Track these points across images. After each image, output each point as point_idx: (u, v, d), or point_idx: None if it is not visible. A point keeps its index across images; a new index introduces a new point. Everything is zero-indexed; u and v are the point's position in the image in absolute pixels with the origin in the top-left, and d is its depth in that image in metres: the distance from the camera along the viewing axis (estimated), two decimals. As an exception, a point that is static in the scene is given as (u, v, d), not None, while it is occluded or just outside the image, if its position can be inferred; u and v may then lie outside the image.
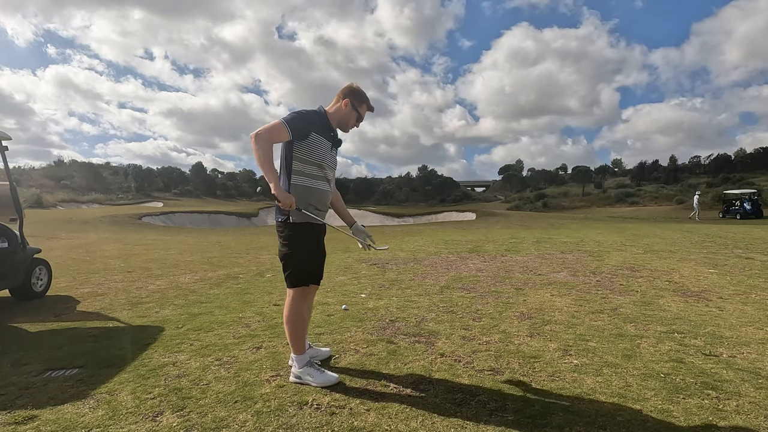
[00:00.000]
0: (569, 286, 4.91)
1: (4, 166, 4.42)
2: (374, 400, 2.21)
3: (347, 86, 2.52)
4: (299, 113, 2.37)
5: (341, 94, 2.51)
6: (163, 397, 2.24)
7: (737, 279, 5.17)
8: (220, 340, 3.14)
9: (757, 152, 72.87)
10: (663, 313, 3.73)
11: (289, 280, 2.43)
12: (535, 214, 25.46)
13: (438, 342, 3.07)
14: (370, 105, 2.59)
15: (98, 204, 52.96)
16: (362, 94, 2.53)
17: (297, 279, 2.42)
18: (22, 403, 2.20)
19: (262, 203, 45.81)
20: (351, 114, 2.51)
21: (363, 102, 2.53)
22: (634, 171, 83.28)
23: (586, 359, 2.71)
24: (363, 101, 2.53)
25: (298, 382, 2.41)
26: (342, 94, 2.50)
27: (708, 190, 47.12)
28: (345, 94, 2.50)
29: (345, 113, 2.51)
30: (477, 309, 3.95)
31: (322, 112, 2.48)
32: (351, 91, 2.50)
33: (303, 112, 2.38)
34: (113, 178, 78.17)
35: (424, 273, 5.91)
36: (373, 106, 2.60)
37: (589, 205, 59.03)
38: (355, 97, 2.50)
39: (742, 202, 22.73)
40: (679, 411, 2.07)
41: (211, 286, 5.18)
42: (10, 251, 4.41)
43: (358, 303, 4.24)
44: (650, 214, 31.80)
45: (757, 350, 2.85)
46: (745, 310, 3.81)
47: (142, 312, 4.00)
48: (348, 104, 2.50)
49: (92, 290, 5.01)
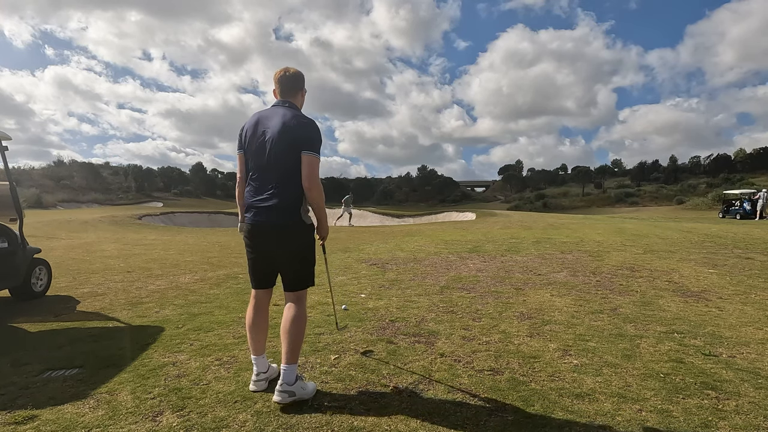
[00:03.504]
0: (569, 286, 4.91)
1: (4, 166, 4.42)
2: (374, 400, 2.21)
3: (300, 75, 2.42)
4: (319, 135, 2.30)
5: (302, 85, 2.44)
6: (163, 397, 2.24)
7: (737, 279, 5.17)
8: (220, 340, 3.14)
9: (756, 152, 72.93)
10: (663, 313, 3.73)
11: (312, 277, 2.40)
12: (535, 214, 25.45)
13: (438, 342, 3.07)
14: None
15: (98, 204, 52.97)
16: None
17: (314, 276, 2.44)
18: (22, 403, 2.20)
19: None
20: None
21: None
22: (634, 171, 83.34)
23: (586, 359, 2.72)
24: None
25: (293, 401, 2.16)
26: (302, 84, 2.44)
27: (708, 190, 47.14)
28: (303, 83, 2.45)
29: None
30: (477, 309, 3.95)
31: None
32: (302, 79, 2.44)
33: (319, 131, 2.32)
34: (113, 178, 78.19)
35: (424, 273, 5.91)
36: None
37: (589, 205, 59.07)
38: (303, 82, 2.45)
39: (742, 202, 22.73)
40: (678, 411, 2.07)
41: (211, 286, 5.18)
42: (10, 251, 4.41)
43: (358, 303, 4.24)
44: (650, 214, 31.81)
45: (757, 350, 2.85)
46: (744, 310, 3.81)
47: (141, 312, 4.00)
48: (305, 93, 2.50)
49: (92, 290, 5.01)
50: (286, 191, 2.25)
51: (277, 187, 2.24)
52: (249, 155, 2.33)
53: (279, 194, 2.24)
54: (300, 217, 2.28)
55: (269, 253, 2.32)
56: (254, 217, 2.29)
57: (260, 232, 2.29)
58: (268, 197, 2.25)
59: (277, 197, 2.24)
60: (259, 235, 2.30)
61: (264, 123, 2.30)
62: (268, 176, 2.26)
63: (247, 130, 2.34)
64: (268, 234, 2.28)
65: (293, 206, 2.26)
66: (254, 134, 2.30)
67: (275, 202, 2.24)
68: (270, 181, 2.26)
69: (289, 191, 2.25)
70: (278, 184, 2.25)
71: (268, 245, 2.30)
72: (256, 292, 2.43)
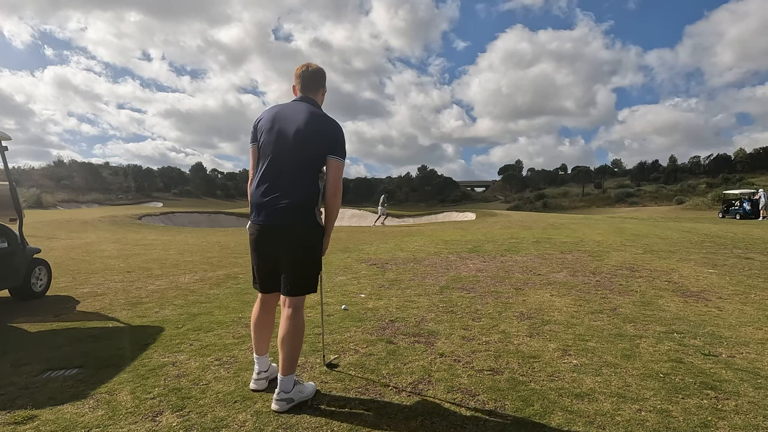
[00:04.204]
0: (569, 286, 4.91)
1: (4, 166, 4.42)
2: (374, 400, 2.21)
3: (322, 72, 2.36)
4: (345, 139, 2.24)
5: (324, 83, 2.38)
6: (163, 397, 2.24)
7: (737, 279, 5.17)
8: (219, 340, 3.14)
9: (756, 152, 72.97)
10: (662, 313, 3.73)
11: (316, 284, 2.27)
12: (535, 214, 25.47)
13: (437, 342, 3.07)
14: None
15: (98, 204, 53.00)
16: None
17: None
18: (22, 403, 2.20)
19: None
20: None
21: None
22: (633, 171, 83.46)
23: (586, 359, 2.72)
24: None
25: (292, 406, 2.13)
26: (324, 81, 2.38)
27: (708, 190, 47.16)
28: (325, 81, 2.38)
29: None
30: (476, 309, 3.95)
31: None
32: (324, 76, 2.37)
33: (344, 135, 2.25)
34: (113, 178, 78.25)
35: (424, 273, 5.91)
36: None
37: (589, 205, 59.09)
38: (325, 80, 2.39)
39: (741, 202, 22.73)
40: (678, 411, 2.07)
41: (211, 286, 5.18)
42: (10, 251, 4.41)
43: (357, 303, 4.24)
44: (650, 214, 31.81)
45: (757, 350, 2.86)
46: (744, 310, 3.82)
47: (141, 312, 4.00)
48: (325, 93, 2.43)
49: (92, 290, 5.01)
50: (305, 190, 2.14)
51: (295, 184, 2.13)
52: (263, 149, 2.20)
53: (297, 192, 2.13)
54: (315, 218, 2.19)
55: (279, 254, 2.17)
56: (268, 216, 2.14)
57: (273, 232, 2.15)
58: (284, 194, 2.12)
59: (294, 195, 2.12)
60: (271, 236, 2.16)
61: (284, 117, 2.19)
62: (285, 172, 2.14)
63: (263, 123, 2.22)
64: (281, 234, 2.14)
65: (310, 205, 2.16)
66: (271, 128, 2.18)
67: (292, 200, 2.12)
68: (287, 178, 2.13)
69: (307, 190, 2.15)
70: (297, 181, 2.13)
71: (280, 246, 2.16)
72: (262, 295, 2.33)
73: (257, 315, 2.34)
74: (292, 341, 2.16)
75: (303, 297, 2.22)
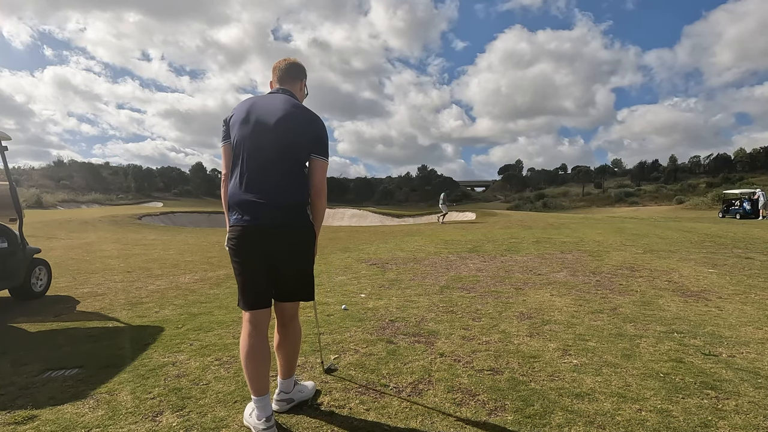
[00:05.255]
0: (569, 286, 4.91)
1: (4, 167, 4.42)
2: (374, 400, 2.21)
3: (302, 66, 2.19)
4: (328, 137, 2.08)
5: (303, 76, 2.20)
6: (163, 397, 2.24)
7: (737, 279, 5.17)
8: (219, 340, 3.14)
9: (756, 152, 72.99)
10: (662, 313, 3.73)
11: (313, 289, 2.10)
12: (535, 214, 25.47)
13: (438, 342, 3.07)
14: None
15: (98, 204, 53.02)
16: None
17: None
18: (22, 403, 2.20)
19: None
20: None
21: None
22: (633, 171, 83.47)
23: (586, 359, 2.72)
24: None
25: (292, 406, 2.14)
26: (303, 75, 2.20)
27: (708, 189, 47.18)
28: (305, 75, 2.21)
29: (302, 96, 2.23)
30: (477, 309, 3.95)
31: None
32: (304, 70, 2.20)
33: (327, 131, 2.09)
34: (113, 178, 78.29)
35: (424, 273, 5.91)
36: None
37: (589, 205, 59.10)
38: (304, 73, 2.21)
39: (741, 202, 22.73)
40: (678, 411, 2.07)
41: (211, 286, 5.18)
42: (10, 251, 4.41)
43: (357, 303, 4.24)
44: (650, 214, 31.81)
45: (757, 350, 2.85)
46: (744, 310, 3.81)
47: (141, 312, 4.00)
48: (306, 91, 2.25)
49: (92, 290, 5.01)
50: (293, 187, 1.93)
51: (281, 181, 1.91)
52: (239, 144, 1.95)
53: (284, 189, 1.91)
54: (308, 217, 2.01)
55: (275, 258, 1.92)
56: (257, 215, 1.89)
57: (266, 233, 1.89)
58: (275, 191, 1.90)
59: (282, 193, 1.91)
60: (263, 237, 1.89)
61: (260, 110, 1.96)
62: (270, 167, 1.91)
63: (236, 117, 1.99)
64: (276, 235, 1.90)
65: (301, 204, 1.96)
66: (246, 121, 1.95)
67: (286, 198, 1.91)
68: (271, 175, 1.91)
69: (295, 187, 1.94)
70: (283, 177, 1.92)
71: (275, 249, 1.91)
72: (252, 314, 1.95)
73: (250, 343, 1.92)
74: (293, 347, 2.13)
75: (299, 303, 2.10)
